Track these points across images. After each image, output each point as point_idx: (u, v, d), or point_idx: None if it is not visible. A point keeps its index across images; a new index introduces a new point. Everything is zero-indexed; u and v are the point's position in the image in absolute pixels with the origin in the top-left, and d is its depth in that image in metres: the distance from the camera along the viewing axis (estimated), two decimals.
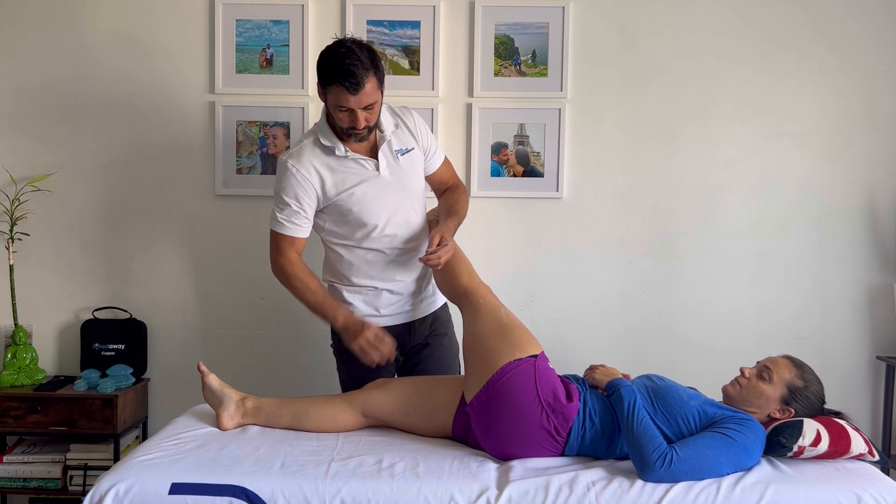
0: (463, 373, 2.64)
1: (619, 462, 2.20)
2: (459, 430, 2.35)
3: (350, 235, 2.57)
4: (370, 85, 2.36)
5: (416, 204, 2.65)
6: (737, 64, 3.19)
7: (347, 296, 2.63)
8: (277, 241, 2.54)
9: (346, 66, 2.32)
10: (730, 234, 3.24)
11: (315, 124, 2.58)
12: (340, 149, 2.49)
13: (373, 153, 2.54)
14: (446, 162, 2.77)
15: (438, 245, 2.47)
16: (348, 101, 2.36)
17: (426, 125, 2.69)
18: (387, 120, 2.55)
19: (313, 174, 2.49)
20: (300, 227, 2.52)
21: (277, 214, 2.52)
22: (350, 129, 2.44)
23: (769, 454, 2.21)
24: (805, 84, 3.20)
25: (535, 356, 2.31)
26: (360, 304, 2.62)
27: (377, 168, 2.52)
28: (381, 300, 2.62)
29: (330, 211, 2.54)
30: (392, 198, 2.55)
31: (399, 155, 2.56)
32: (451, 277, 2.56)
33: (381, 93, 2.44)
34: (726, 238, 3.24)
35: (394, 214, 2.56)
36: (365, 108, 2.39)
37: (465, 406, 2.33)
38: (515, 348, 2.31)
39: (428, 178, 2.73)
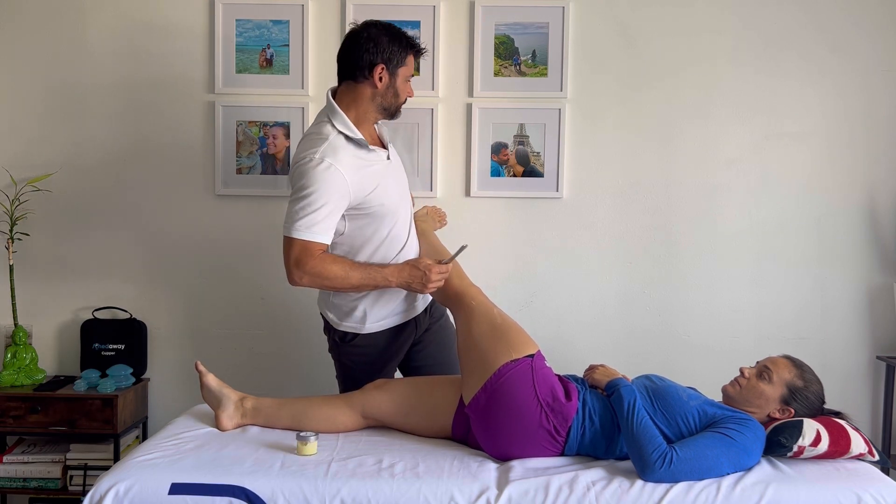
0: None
1: (619, 462, 2.21)
2: (459, 430, 2.35)
3: (378, 230, 2.45)
4: None
5: (409, 196, 2.67)
6: (737, 64, 3.19)
7: (355, 301, 2.52)
8: (304, 250, 2.33)
9: (409, 35, 2.45)
10: (730, 234, 3.24)
11: (326, 118, 2.42)
12: (361, 138, 2.39)
13: (378, 144, 2.53)
14: None
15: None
16: (416, 69, 2.52)
17: None
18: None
19: (351, 172, 2.33)
20: (329, 232, 2.34)
21: (307, 220, 2.31)
22: (402, 104, 2.49)
23: (769, 454, 2.21)
24: (805, 84, 3.20)
25: (531, 356, 2.30)
26: (370, 308, 2.53)
27: (388, 157, 2.51)
28: (391, 300, 2.54)
29: (361, 209, 2.40)
30: (402, 184, 2.58)
31: (391, 147, 2.58)
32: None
33: None
34: (726, 238, 3.24)
35: (404, 200, 2.57)
36: None
37: (464, 409, 2.33)
38: (511, 349, 2.30)
39: None
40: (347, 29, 3.12)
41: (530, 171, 3.23)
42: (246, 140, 3.23)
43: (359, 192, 2.37)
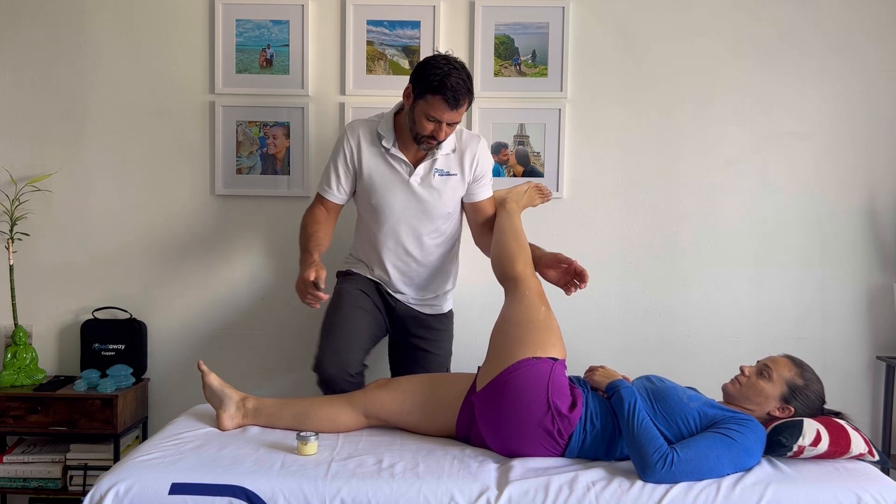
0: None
1: (619, 462, 2.21)
2: (463, 425, 2.35)
3: (366, 219, 2.75)
4: (465, 107, 2.53)
5: (434, 223, 2.71)
6: (737, 63, 3.19)
7: (349, 259, 2.86)
8: (315, 199, 2.77)
9: (454, 83, 2.46)
10: (730, 234, 3.24)
11: (385, 112, 2.71)
12: (388, 139, 2.64)
13: (416, 161, 2.64)
14: (492, 199, 2.82)
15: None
16: (442, 115, 2.49)
17: (488, 158, 2.77)
18: (448, 143, 2.64)
19: (355, 148, 2.66)
20: (331, 190, 2.70)
21: (323, 177, 2.74)
22: (426, 138, 2.54)
23: (769, 454, 2.21)
24: (806, 84, 3.20)
25: (554, 359, 2.31)
26: (357, 264, 2.83)
27: (409, 175, 2.63)
28: (364, 261, 2.84)
29: (359, 188, 2.71)
30: (411, 208, 2.65)
31: (436, 174, 2.64)
32: (508, 261, 2.61)
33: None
34: (726, 238, 3.24)
35: (406, 221, 2.66)
36: (449, 125, 2.52)
37: (470, 397, 2.33)
38: (539, 347, 2.32)
39: (470, 205, 2.79)
40: (348, 29, 3.16)
41: (530, 171, 3.23)
42: (246, 140, 3.23)
43: (358, 167, 2.67)
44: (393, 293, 2.79)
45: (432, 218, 2.70)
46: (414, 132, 2.56)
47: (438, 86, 2.45)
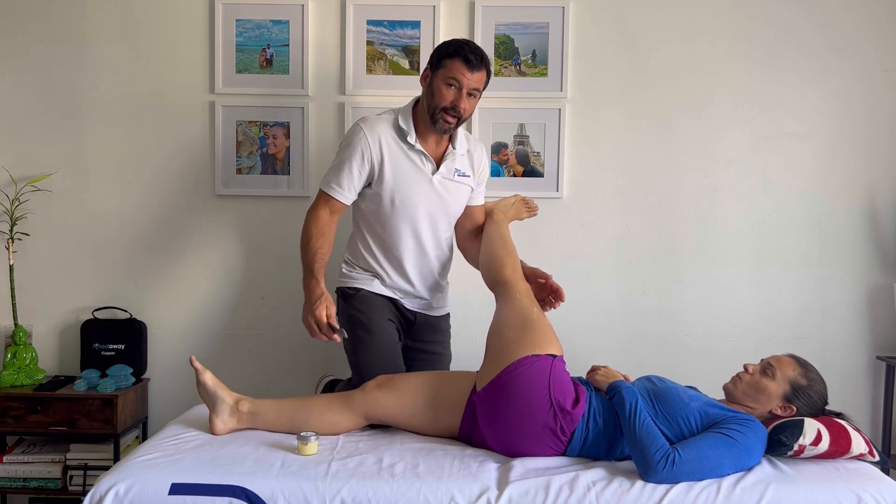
0: None
1: (620, 462, 2.21)
2: (466, 425, 2.35)
3: (386, 222, 2.62)
4: (483, 72, 2.54)
5: (449, 222, 2.73)
6: (737, 63, 3.19)
7: (353, 272, 2.70)
8: (320, 198, 2.61)
9: (471, 46, 2.53)
10: (730, 234, 3.24)
11: (400, 108, 2.66)
12: (412, 136, 2.58)
13: (436, 157, 2.63)
14: (483, 207, 2.84)
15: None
16: (463, 76, 2.49)
17: (488, 164, 2.80)
18: (461, 142, 2.65)
19: (376, 146, 2.56)
20: (341, 190, 2.58)
21: (330, 175, 2.60)
22: (447, 109, 2.52)
23: (770, 453, 2.21)
24: (806, 84, 3.20)
25: (553, 356, 2.31)
26: (363, 276, 2.69)
27: (433, 173, 2.61)
28: (378, 281, 2.70)
29: (374, 189, 2.60)
30: (432, 206, 2.63)
31: (456, 174, 2.65)
32: (497, 267, 2.61)
33: (481, 94, 2.59)
34: (726, 238, 3.24)
35: (426, 221, 2.64)
36: (469, 95, 2.52)
37: (472, 398, 2.33)
38: (536, 344, 2.32)
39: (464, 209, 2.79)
40: (348, 29, 3.16)
41: (530, 171, 3.23)
42: (246, 140, 3.23)
43: (378, 165, 2.56)
44: (409, 307, 2.72)
45: (449, 216, 2.71)
46: (433, 107, 2.53)
47: (455, 50, 2.50)
